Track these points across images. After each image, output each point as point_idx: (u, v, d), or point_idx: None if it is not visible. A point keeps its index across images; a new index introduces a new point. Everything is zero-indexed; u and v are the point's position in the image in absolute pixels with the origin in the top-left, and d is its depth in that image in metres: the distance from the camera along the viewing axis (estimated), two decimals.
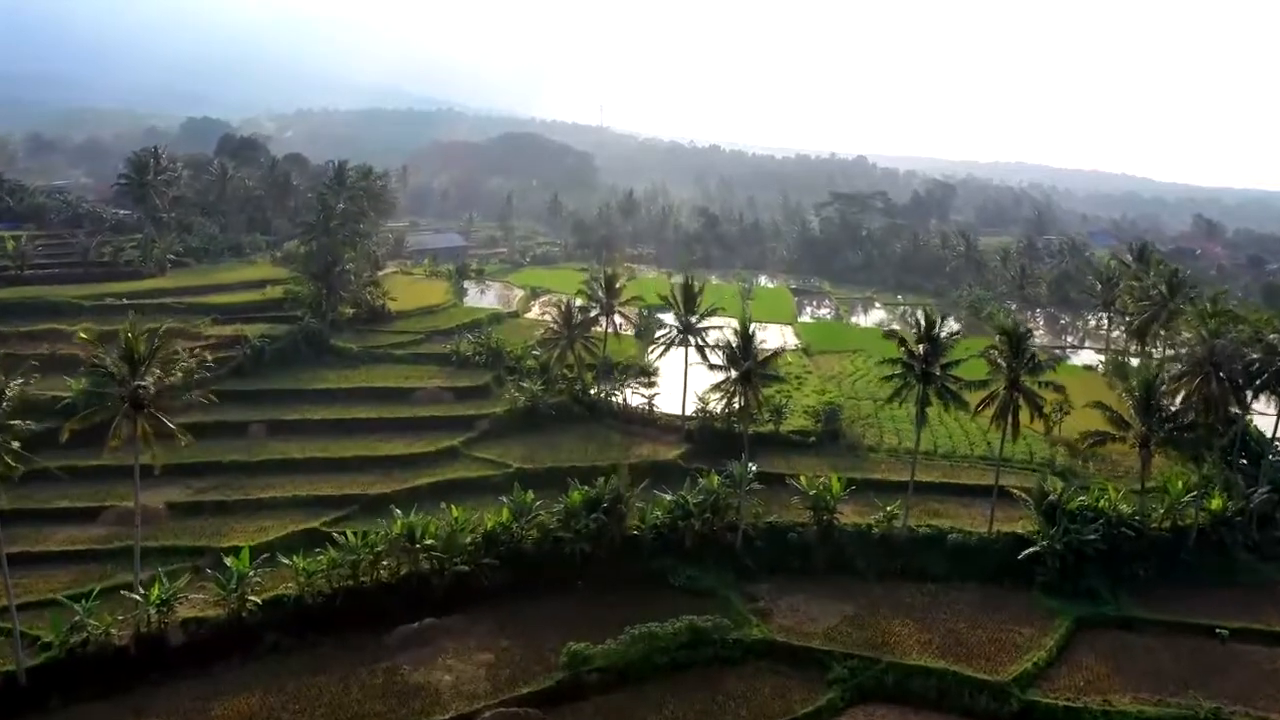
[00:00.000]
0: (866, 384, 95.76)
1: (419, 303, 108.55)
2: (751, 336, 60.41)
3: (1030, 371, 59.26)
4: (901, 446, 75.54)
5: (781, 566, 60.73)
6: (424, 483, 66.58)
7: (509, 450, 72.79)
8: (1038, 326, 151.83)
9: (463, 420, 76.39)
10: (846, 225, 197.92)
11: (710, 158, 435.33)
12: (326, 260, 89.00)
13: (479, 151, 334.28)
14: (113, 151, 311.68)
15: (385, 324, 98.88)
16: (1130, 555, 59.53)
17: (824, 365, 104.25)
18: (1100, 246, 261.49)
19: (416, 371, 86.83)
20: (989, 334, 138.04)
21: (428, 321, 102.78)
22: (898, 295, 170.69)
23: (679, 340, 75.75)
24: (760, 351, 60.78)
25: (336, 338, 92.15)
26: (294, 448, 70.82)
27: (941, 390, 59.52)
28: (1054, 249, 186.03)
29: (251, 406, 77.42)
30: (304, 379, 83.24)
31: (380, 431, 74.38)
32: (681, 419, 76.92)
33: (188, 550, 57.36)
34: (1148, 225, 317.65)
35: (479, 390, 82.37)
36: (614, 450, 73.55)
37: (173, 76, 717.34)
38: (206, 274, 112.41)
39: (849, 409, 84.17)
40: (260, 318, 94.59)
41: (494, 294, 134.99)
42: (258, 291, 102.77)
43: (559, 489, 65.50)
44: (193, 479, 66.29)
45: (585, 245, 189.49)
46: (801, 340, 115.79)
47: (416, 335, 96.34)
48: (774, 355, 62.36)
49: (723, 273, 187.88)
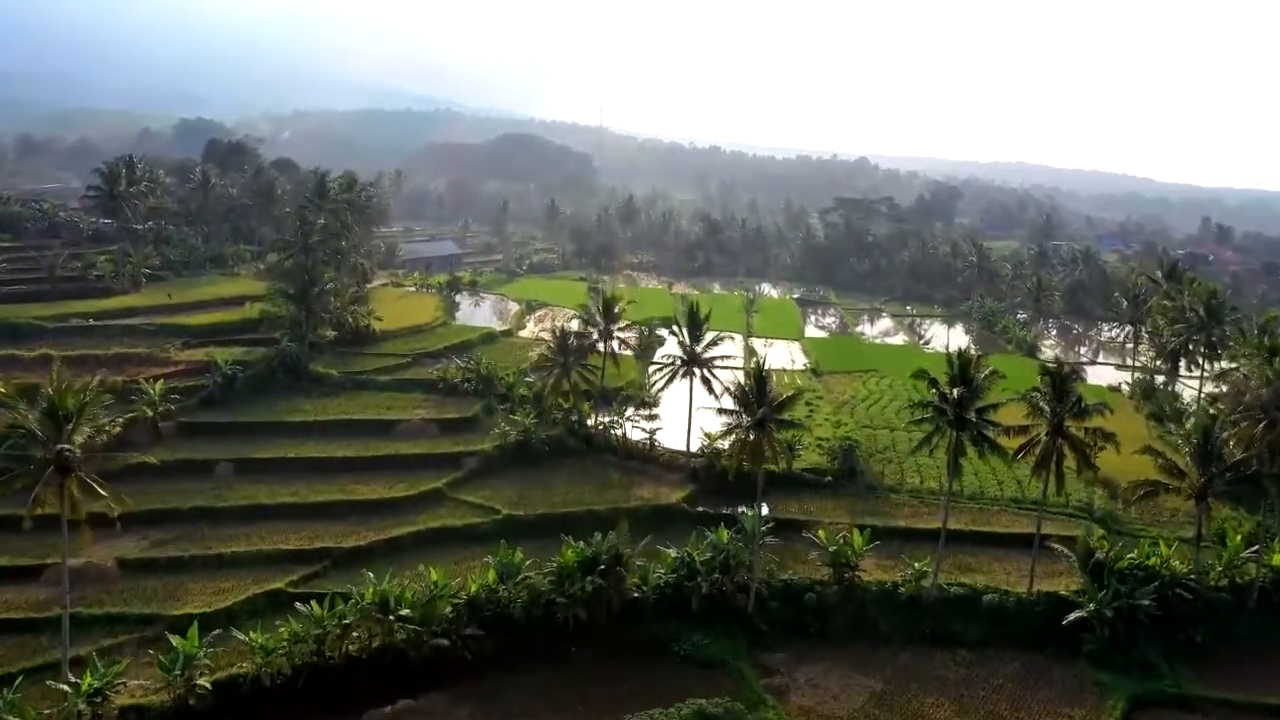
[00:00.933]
0: (882, 410, 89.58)
1: (407, 321, 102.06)
2: (766, 378, 53.94)
3: (1076, 416, 52.80)
4: (924, 487, 69.20)
5: (798, 630, 54.40)
6: (404, 533, 60.19)
7: (498, 492, 66.34)
8: (1049, 337, 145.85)
9: (448, 458, 69.93)
10: (852, 231, 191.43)
11: (711, 159, 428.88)
12: (304, 281, 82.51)
13: (476, 153, 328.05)
14: (103, 153, 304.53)
15: (370, 346, 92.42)
16: (1186, 619, 53.21)
17: (835, 387, 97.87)
18: (1107, 250, 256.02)
19: (400, 400, 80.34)
20: (1004, 348, 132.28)
21: (415, 342, 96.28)
22: (906, 305, 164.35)
23: (683, 372, 69.30)
24: (776, 395, 54.22)
25: (317, 361, 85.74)
26: (263, 491, 64.33)
27: (977, 438, 53.04)
28: (1065, 257, 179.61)
29: (219, 442, 70.97)
30: (279, 409, 76.76)
31: (358, 471, 67.84)
32: (686, 455, 70.63)
33: (135, 618, 50.85)
34: (1155, 228, 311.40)
35: (467, 423, 75.87)
36: (612, 491, 67.21)
37: (171, 76, 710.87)
38: (183, 290, 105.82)
39: (865, 440, 77.83)
40: (236, 340, 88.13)
41: (488, 308, 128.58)
42: (235, 310, 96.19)
43: (552, 538, 59.45)
44: (150, 528, 59.76)
45: (583, 254, 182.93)
46: (810, 358, 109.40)
47: (402, 358, 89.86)
48: (791, 400, 55.81)
49: (725, 280, 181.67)
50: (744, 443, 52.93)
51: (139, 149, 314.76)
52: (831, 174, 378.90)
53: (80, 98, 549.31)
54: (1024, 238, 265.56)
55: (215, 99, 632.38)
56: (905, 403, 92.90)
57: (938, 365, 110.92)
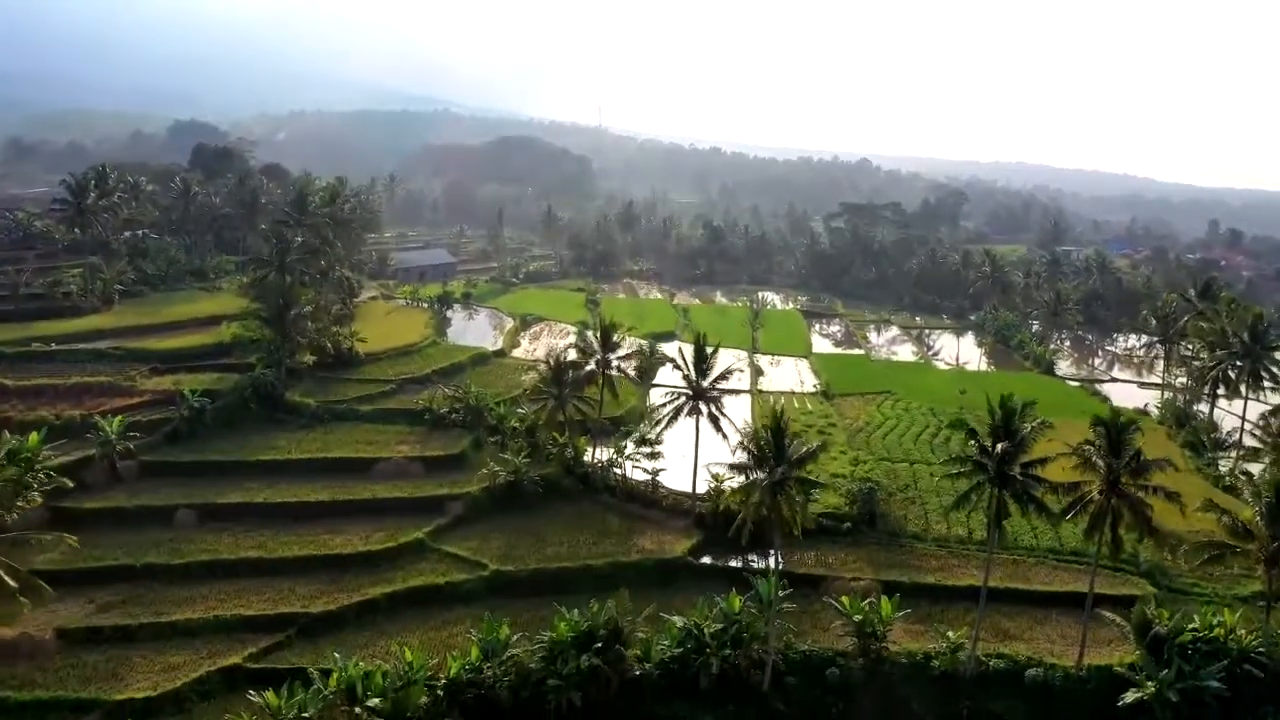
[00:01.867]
0: (899, 438, 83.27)
1: (394, 340, 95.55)
2: (784, 429, 47.53)
3: (1134, 473, 46.43)
4: (952, 534, 62.82)
5: (819, 711, 48.19)
6: (379, 593, 53.79)
7: (486, 542, 59.97)
8: (1062, 349, 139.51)
9: (432, 502, 63.53)
10: (857, 238, 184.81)
11: (711, 160, 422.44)
12: (279, 303, 76.05)
13: (473, 155, 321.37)
14: (94, 157, 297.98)
15: (352, 370, 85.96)
16: (1255, 698, 47.02)
17: (847, 411, 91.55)
18: (1115, 254, 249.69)
19: (383, 434, 73.87)
20: (1020, 364, 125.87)
21: (402, 365, 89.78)
22: (915, 316, 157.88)
23: (689, 409, 62.89)
24: (796, 449, 47.73)
25: (295, 389, 79.33)
26: (225, 543, 57.93)
27: (1021, 496, 46.66)
28: (1079, 265, 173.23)
29: (183, 484, 64.60)
30: (250, 445, 70.29)
31: (333, 519, 61.46)
32: (691, 498, 64.28)
33: (70, 703, 44.45)
34: (1163, 232, 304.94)
35: (453, 460, 69.41)
36: (611, 541, 60.83)
37: (169, 75, 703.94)
38: (157, 308, 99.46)
39: (884, 475, 71.54)
40: (208, 365, 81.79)
41: (481, 322, 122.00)
42: (210, 332, 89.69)
43: (544, 598, 53.54)
44: (98, 588, 53.41)
45: (582, 262, 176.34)
46: (820, 379, 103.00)
47: (386, 384, 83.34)
48: (814, 454, 49.36)
49: (728, 289, 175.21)
50: (759, 505, 46.47)
51: (131, 152, 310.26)
52: (833, 176, 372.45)
53: (77, 98, 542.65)
54: (1030, 241, 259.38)
55: (213, 99, 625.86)
56: (923, 428, 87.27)
57: (951, 384, 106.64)
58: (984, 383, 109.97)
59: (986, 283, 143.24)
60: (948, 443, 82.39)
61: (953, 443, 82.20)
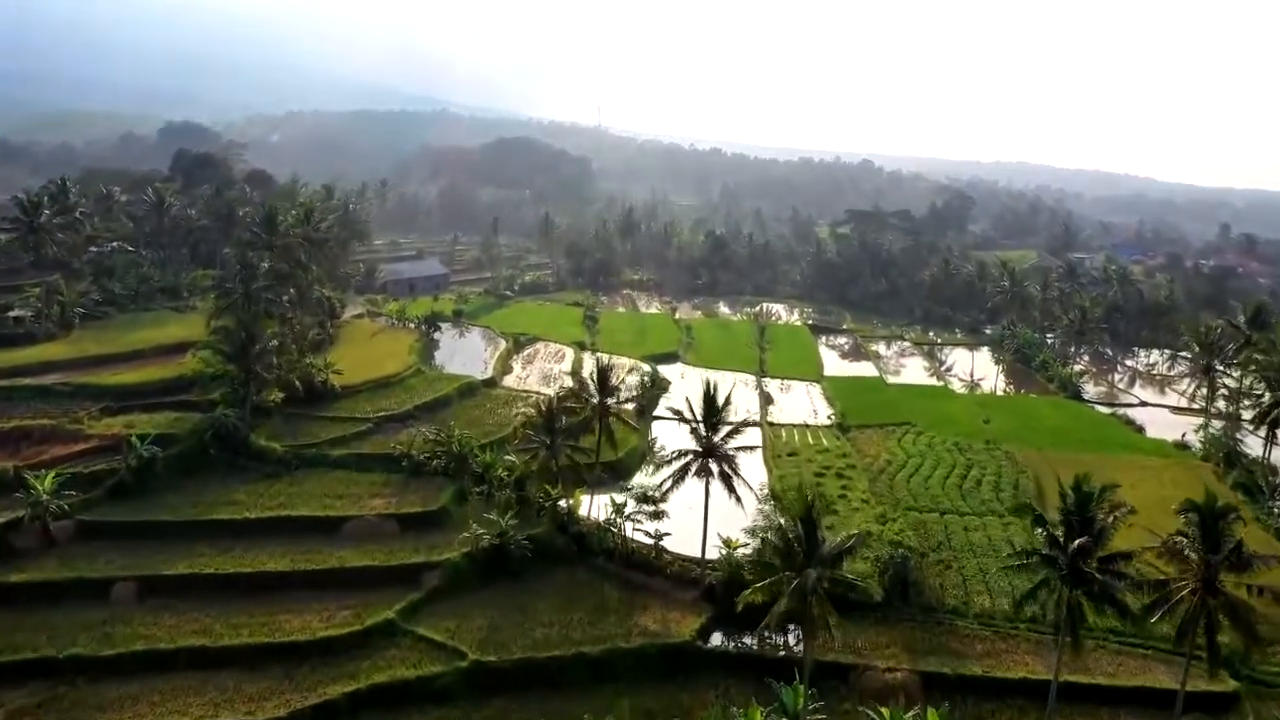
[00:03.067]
0: (925, 481, 75.22)
1: (373, 370, 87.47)
2: (817, 519, 39.61)
3: (1234, 569, 38.52)
4: (997, 609, 54.77)
5: None
6: (338, 692, 45.61)
7: (466, 621, 51.95)
8: (1080, 362, 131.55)
9: (407, 571, 55.48)
10: (865, 247, 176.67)
11: (711, 161, 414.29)
12: (241, 338, 67.96)
13: (470, 157, 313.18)
14: (83, 159, 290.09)
15: (327, 406, 77.81)
16: None
17: (866, 447, 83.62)
18: (1126, 259, 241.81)
19: (356, 484, 65.80)
20: (1043, 386, 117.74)
21: (381, 399, 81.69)
22: (928, 331, 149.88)
23: (698, 469, 54.93)
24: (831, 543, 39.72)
25: (261, 429, 71.34)
26: (166, 627, 49.86)
27: (1099, 594, 38.74)
28: (1095, 274, 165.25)
29: (124, 550, 56.51)
30: (205, 501, 62.27)
31: (293, 592, 53.43)
32: (700, 565, 56.38)
33: None
34: (1172, 236, 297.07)
35: (432, 518, 61.34)
36: (610, 620, 52.78)
37: (166, 74, 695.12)
38: (121, 334, 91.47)
39: (913, 528, 63.58)
40: (166, 403, 73.82)
41: (472, 342, 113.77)
42: (173, 363, 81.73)
43: (532, 692, 45.97)
44: (11, 688, 45.46)
45: (580, 273, 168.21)
46: (835, 408, 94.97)
47: (363, 424, 75.12)
48: (855, 547, 41.41)
49: (731, 299, 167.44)
50: (785, 614, 38.48)
51: (121, 154, 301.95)
52: (836, 178, 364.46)
53: (74, 97, 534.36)
54: (1038, 246, 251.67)
55: (211, 97, 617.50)
56: (949, 468, 79.20)
57: (973, 412, 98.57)
58: (1007, 409, 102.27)
59: (1005, 297, 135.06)
60: (978, 486, 74.65)
61: (983, 486, 74.76)
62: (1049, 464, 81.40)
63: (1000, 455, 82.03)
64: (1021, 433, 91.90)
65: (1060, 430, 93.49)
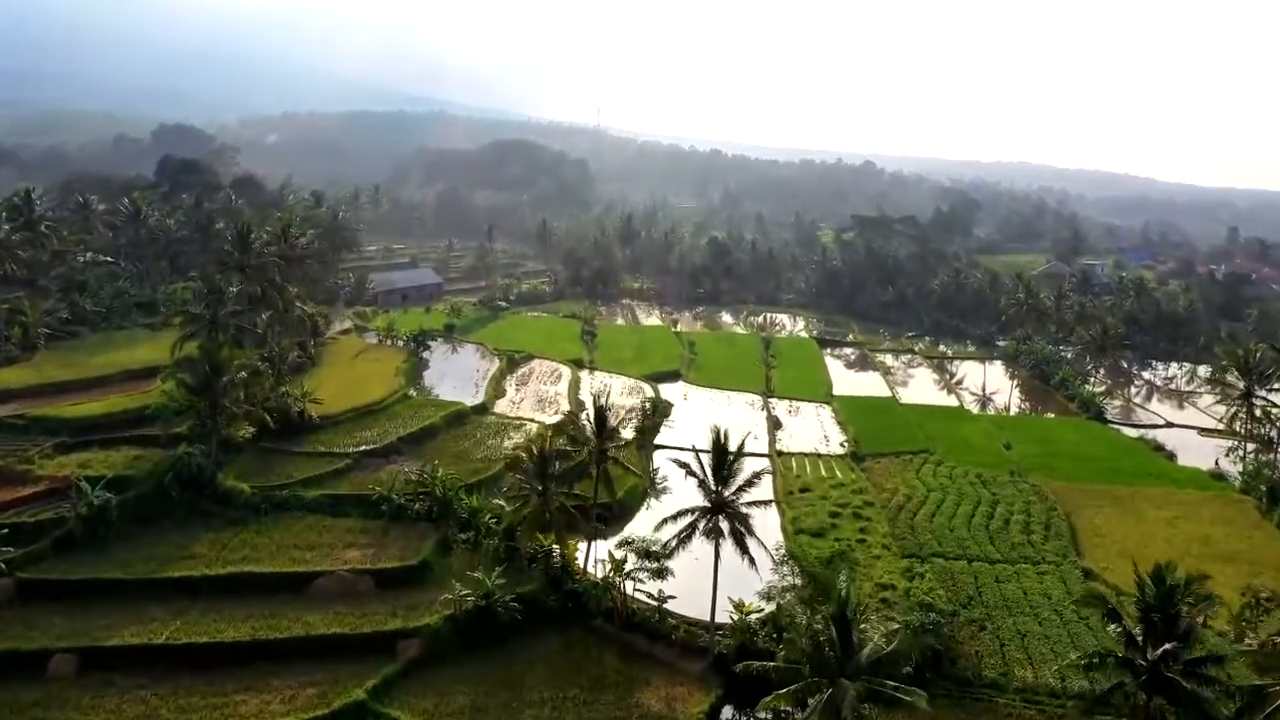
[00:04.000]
0: (949, 520, 68.98)
1: (355, 397, 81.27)
2: (852, 619, 33.62)
3: None
4: (1040, 683, 48.52)
5: None
6: None
7: (445, 700, 45.77)
8: (1097, 376, 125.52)
9: (381, 640, 49.20)
10: (872, 254, 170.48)
11: (712, 163, 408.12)
12: (205, 371, 61.85)
13: (467, 160, 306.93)
14: (74, 162, 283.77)
15: (303, 439, 71.59)
16: None
17: (882, 479, 77.59)
18: (1135, 263, 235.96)
19: (330, 531, 59.69)
20: (1063, 405, 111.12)
21: (363, 429, 75.48)
22: (938, 343, 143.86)
23: (708, 527, 48.86)
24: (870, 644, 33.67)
25: (231, 466, 65.21)
26: (104, 714, 43.71)
27: (1185, 702, 32.67)
28: (1110, 282, 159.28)
29: (69, 614, 50.35)
30: (161, 553, 56.03)
31: (252, 665, 47.31)
32: (709, 631, 50.29)
33: None
34: (1179, 239, 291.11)
35: (412, 574, 55.15)
36: (608, 697, 46.66)
37: (163, 74, 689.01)
38: (89, 356, 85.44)
39: (940, 579, 57.58)
40: (127, 438, 67.74)
41: (464, 361, 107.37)
42: (141, 390, 75.66)
43: None
44: None
45: (578, 281, 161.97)
46: (848, 433, 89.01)
47: (341, 460, 68.91)
48: (897, 657, 35.38)
49: (734, 308, 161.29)
50: None
51: (114, 156, 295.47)
52: (838, 180, 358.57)
53: (68, 97, 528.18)
54: (1046, 250, 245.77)
55: (209, 97, 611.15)
56: (974, 505, 72.82)
57: (991, 436, 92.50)
58: (1027, 432, 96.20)
59: (1019, 309, 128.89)
60: (1007, 527, 68.54)
61: (1012, 526, 68.74)
62: (1079, 498, 75.70)
63: (1027, 489, 75.99)
64: (1045, 460, 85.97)
65: (1086, 457, 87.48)
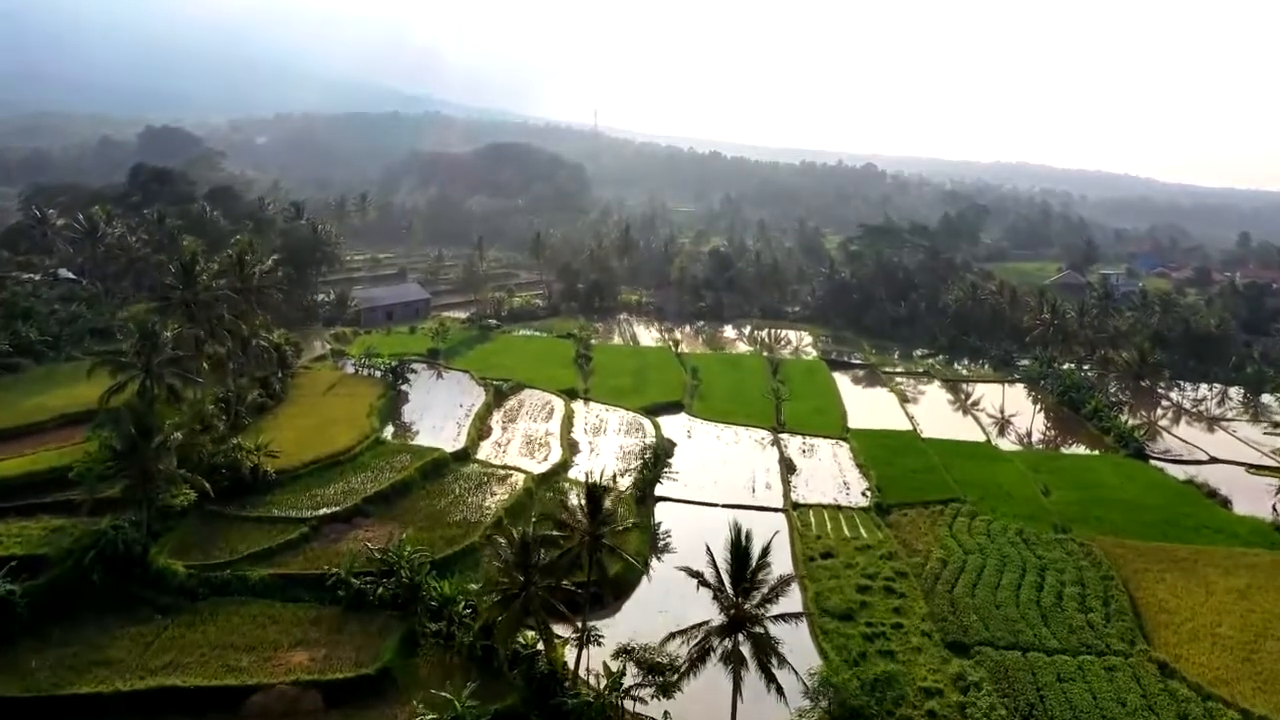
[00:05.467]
0: (993, 593, 59.86)
1: (320, 446, 71.64)
2: None
3: None
4: None
5: None
6: None
7: None
8: (1126, 398, 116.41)
9: None
10: (881, 267, 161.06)
11: (711, 165, 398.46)
12: (130, 433, 52.33)
13: (462, 164, 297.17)
14: (58, 165, 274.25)
15: (257, 499, 62.05)
16: None
17: (911, 536, 68.47)
18: (1148, 272, 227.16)
19: (277, 622, 50.18)
20: (1095, 436, 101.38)
21: (325, 485, 65.77)
22: (954, 362, 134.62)
23: (725, 648, 39.51)
24: None
25: (166, 538, 55.84)
26: None
27: None
28: (1134, 298, 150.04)
29: None
30: (72, 658, 46.64)
31: None
32: None
33: None
34: (1190, 244, 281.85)
35: (369, 686, 45.69)
36: None
37: (155, 74, 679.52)
38: (24, 395, 75.88)
39: (988, 676, 48.41)
40: (48, 505, 58.21)
41: (447, 392, 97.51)
42: (77, 439, 66.02)
43: None
44: None
45: (573, 296, 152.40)
46: (869, 479, 79.64)
47: (296, 528, 59.33)
48: None
49: (738, 322, 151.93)
50: None
51: (99, 160, 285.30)
52: (840, 183, 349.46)
53: (59, 99, 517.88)
54: (1055, 257, 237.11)
55: (203, 97, 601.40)
56: (1019, 572, 63.49)
57: (1026, 479, 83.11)
58: (1063, 473, 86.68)
59: (1046, 330, 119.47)
60: (1060, 602, 59.30)
61: (1066, 601, 59.43)
62: (1134, 560, 66.54)
63: (1076, 551, 66.77)
64: (1089, 509, 76.81)
65: (1134, 505, 78.21)
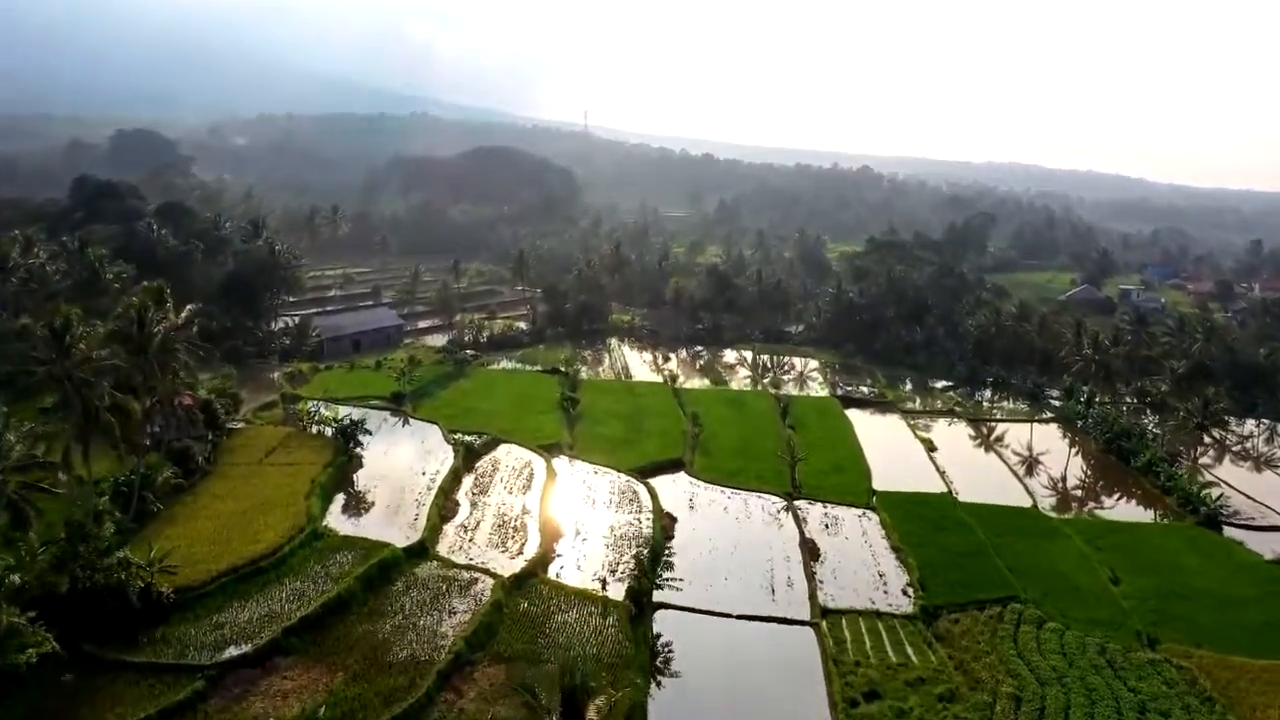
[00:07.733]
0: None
1: (239, 547, 57.02)
2: None
3: None
4: None
5: None
6: None
7: None
8: (1165, 432, 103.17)
9: None
10: (893, 286, 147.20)
11: (704, 168, 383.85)
12: None
13: (447, 169, 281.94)
14: (22, 172, 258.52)
15: (145, 635, 47.61)
16: None
17: (969, 655, 54.58)
18: (1162, 282, 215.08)
19: None
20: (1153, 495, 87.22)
21: (239, 606, 51.19)
22: (975, 394, 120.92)
23: None
24: None
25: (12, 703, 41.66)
26: None
27: None
28: (1170, 322, 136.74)
29: None
30: None
31: None
32: None
33: None
34: (1199, 252, 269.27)
35: None
36: None
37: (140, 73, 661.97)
38: None
39: None
40: None
41: (408, 451, 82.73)
42: None
43: None
44: None
45: (559, 320, 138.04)
46: (908, 568, 65.66)
47: (188, 684, 44.64)
48: None
49: (738, 347, 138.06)
50: None
51: (66, 165, 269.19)
52: (837, 186, 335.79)
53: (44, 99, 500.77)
54: (1064, 266, 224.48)
55: (187, 97, 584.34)
56: (1111, 710, 50.27)
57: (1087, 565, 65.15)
58: (1129, 551, 72.77)
59: (1087, 366, 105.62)
60: None
61: None
62: (1245, 687, 52.91)
63: (1175, 678, 53.04)
64: (1170, 605, 63.27)
65: (1224, 599, 64.53)
